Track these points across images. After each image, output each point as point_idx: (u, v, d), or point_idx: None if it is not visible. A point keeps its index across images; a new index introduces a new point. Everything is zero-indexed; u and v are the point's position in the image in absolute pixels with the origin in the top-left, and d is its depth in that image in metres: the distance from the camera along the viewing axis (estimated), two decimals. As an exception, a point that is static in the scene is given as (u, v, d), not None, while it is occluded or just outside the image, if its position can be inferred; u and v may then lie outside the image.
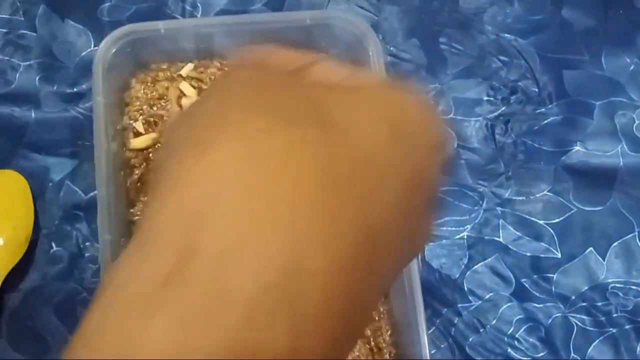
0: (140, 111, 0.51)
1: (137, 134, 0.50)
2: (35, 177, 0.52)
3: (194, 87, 0.52)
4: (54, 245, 0.50)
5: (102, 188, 0.45)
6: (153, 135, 0.50)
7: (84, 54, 0.55)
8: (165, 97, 0.51)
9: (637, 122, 0.56)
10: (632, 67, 0.57)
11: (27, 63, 0.55)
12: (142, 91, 0.51)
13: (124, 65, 0.50)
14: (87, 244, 0.50)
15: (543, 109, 0.56)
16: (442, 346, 0.50)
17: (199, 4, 0.57)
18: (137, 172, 0.49)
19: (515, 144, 0.55)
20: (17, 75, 0.54)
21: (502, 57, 0.57)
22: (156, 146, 0.50)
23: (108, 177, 0.46)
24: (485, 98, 0.56)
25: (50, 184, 0.52)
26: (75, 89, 0.54)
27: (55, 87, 0.54)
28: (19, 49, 0.55)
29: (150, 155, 0.50)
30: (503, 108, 0.56)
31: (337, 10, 0.57)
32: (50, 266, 0.50)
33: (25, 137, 0.53)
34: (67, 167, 0.52)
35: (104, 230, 0.44)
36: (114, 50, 0.49)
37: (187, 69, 0.52)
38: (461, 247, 0.53)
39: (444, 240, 0.53)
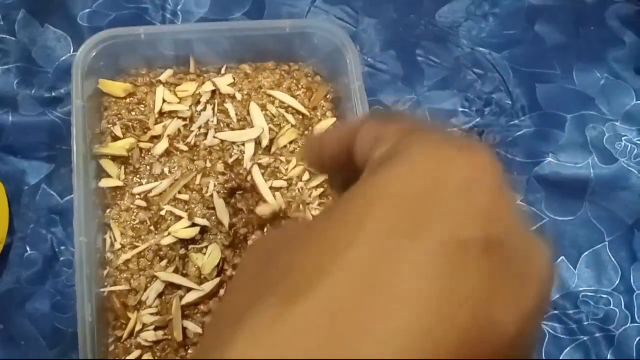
0: (119, 116, 0.51)
1: (116, 138, 0.50)
2: (12, 181, 0.52)
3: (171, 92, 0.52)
4: (28, 248, 0.50)
5: (79, 192, 0.45)
6: (131, 140, 0.50)
7: (63, 58, 0.55)
8: (144, 103, 0.52)
9: (607, 135, 0.57)
10: (602, 82, 0.59)
11: (6, 67, 0.55)
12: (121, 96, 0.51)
13: (103, 70, 0.51)
14: (63, 247, 0.50)
15: (516, 121, 0.57)
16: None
17: (179, 12, 0.58)
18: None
19: (489, 155, 0.56)
20: (-5, 79, 0.54)
21: (477, 70, 0.59)
22: (133, 151, 0.50)
23: (86, 181, 0.46)
24: (461, 109, 0.57)
25: (27, 188, 0.52)
26: (53, 94, 0.54)
27: (33, 91, 0.54)
28: (-3, 53, 0.55)
29: (130, 156, 0.50)
30: (477, 119, 0.57)
31: (317, 20, 0.58)
32: (25, 270, 0.50)
33: (2, 140, 0.53)
34: (44, 171, 0.52)
35: (80, 232, 0.44)
36: (93, 54, 0.49)
37: (166, 74, 0.52)
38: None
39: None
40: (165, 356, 0.45)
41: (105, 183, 0.49)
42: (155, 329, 0.45)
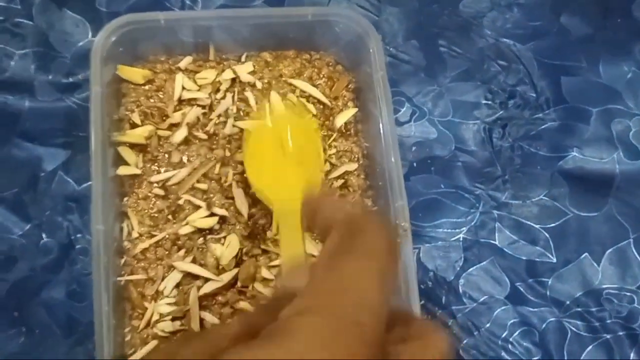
0: (137, 102, 0.50)
1: (134, 125, 0.49)
2: (28, 167, 0.51)
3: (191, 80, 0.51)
4: (44, 236, 0.49)
5: (97, 179, 0.44)
6: (149, 127, 0.49)
7: (81, 44, 0.55)
8: (162, 90, 0.51)
9: (633, 130, 0.56)
10: (629, 75, 0.58)
11: (23, 51, 0.54)
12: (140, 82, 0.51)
13: (121, 56, 0.50)
14: (79, 235, 0.50)
15: (540, 114, 0.56)
16: (436, 348, 0.50)
17: (199, -1, 0.57)
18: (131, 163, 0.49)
19: (512, 148, 0.55)
20: (12, 64, 0.53)
21: (500, 62, 0.57)
22: (151, 138, 0.49)
23: (103, 168, 0.45)
24: (484, 102, 0.56)
25: (43, 174, 0.51)
26: (71, 79, 0.54)
27: (50, 77, 0.53)
28: (14, 37, 0.54)
29: (148, 143, 0.49)
30: (501, 112, 0.56)
31: (339, 7, 0.57)
32: (40, 257, 0.49)
33: (19, 126, 0.52)
34: (61, 157, 0.51)
35: (97, 220, 0.43)
36: (112, 40, 0.48)
37: (185, 61, 0.52)
38: (457, 249, 0.52)
39: (440, 242, 0.52)
40: (182, 347, 0.44)
41: (122, 171, 0.48)
42: (172, 319, 0.45)
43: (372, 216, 0.39)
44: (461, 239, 0.52)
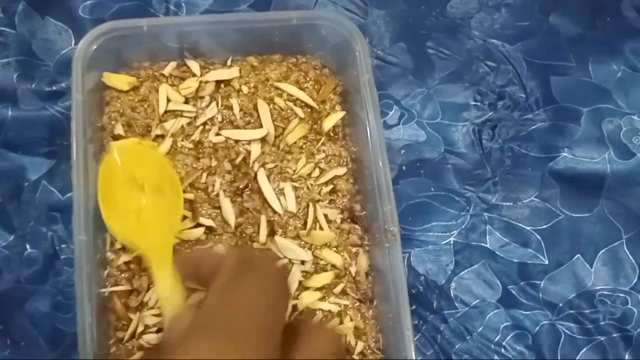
0: (120, 112, 0.49)
1: (117, 138, 0.49)
2: (11, 177, 0.50)
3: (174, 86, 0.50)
4: (28, 246, 0.49)
5: (79, 188, 0.43)
6: (133, 139, 0.48)
7: (64, 52, 0.54)
8: (147, 100, 0.50)
9: (624, 129, 0.56)
10: (619, 74, 0.57)
11: (5, 60, 0.53)
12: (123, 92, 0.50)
13: (104, 63, 0.49)
14: (63, 245, 0.49)
15: (530, 115, 0.56)
16: (428, 353, 0.49)
17: (183, 4, 0.56)
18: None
19: (502, 150, 0.54)
20: (-5, 73, 0.53)
21: (489, 63, 0.57)
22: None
23: (85, 178, 0.44)
24: (473, 103, 0.56)
25: (27, 184, 0.50)
26: (54, 87, 0.53)
27: (33, 85, 0.53)
28: (-4, 46, 0.54)
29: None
30: (490, 113, 0.55)
31: (324, 11, 0.57)
32: (24, 268, 0.48)
33: (2, 135, 0.51)
34: (44, 166, 0.51)
35: (79, 230, 0.43)
36: (94, 47, 0.47)
37: (169, 67, 0.51)
38: (447, 253, 0.52)
39: (430, 246, 0.52)
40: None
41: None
42: (158, 331, 0.44)
43: (261, 253, 0.43)
44: (452, 242, 0.52)
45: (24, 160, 0.51)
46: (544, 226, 0.53)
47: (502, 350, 0.50)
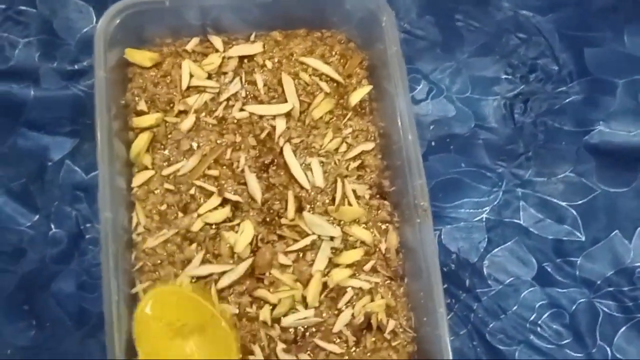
0: (144, 88, 0.48)
1: (140, 113, 0.48)
2: (34, 157, 0.50)
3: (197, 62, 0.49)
4: (52, 226, 0.48)
5: (104, 165, 0.43)
6: (156, 115, 0.48)
7: (85, 30, 0.53)
8: (169, 75, 0.49)
9: (662, 100, 0.54)
10: (656, 44, 0.55)
11: (27, 39, 0.53)
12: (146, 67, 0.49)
13: (126, 40, 0.48)
14: (88, 225, 0.48)
15: (564, 88, 0.54)
16: (461, 333, 0.48)
17: (205, -20, 0.55)
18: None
19: (535, 124, 0.53)
20: (16, 52, 0.52)
21: (520, 34, 0.55)
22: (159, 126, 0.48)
23: (110, 154, 0.44)
24: (504, 76, 0.54)
25: (50, 164, 0.50)
26: (76, 66, 0.52)
27: (55, 64, 0.52)
28: (17, 25, 0.53)
29: (155, 131, 0.47)
30: (522, 87, 0.54)
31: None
32: (49, 248, 0.48)
33: (24, 115, 0.51)
34: (67, 146, 0.50)
35: (105, 207, 0.42)
36: (116, 23, 0.46)
37: (192, 43, 0.50)
38: (480, 230, 0.50)
39: (462, 223, 0.50)
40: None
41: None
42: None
43: None
44: (484, 219, 0.50)
45: (47, 140, 0.50)
46: (580, 202, 0.51)
47: (538, 329, 0.48)
